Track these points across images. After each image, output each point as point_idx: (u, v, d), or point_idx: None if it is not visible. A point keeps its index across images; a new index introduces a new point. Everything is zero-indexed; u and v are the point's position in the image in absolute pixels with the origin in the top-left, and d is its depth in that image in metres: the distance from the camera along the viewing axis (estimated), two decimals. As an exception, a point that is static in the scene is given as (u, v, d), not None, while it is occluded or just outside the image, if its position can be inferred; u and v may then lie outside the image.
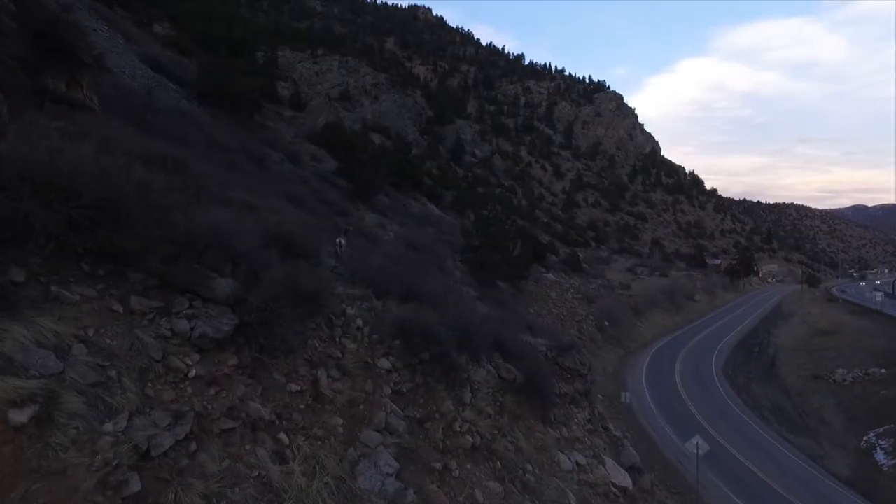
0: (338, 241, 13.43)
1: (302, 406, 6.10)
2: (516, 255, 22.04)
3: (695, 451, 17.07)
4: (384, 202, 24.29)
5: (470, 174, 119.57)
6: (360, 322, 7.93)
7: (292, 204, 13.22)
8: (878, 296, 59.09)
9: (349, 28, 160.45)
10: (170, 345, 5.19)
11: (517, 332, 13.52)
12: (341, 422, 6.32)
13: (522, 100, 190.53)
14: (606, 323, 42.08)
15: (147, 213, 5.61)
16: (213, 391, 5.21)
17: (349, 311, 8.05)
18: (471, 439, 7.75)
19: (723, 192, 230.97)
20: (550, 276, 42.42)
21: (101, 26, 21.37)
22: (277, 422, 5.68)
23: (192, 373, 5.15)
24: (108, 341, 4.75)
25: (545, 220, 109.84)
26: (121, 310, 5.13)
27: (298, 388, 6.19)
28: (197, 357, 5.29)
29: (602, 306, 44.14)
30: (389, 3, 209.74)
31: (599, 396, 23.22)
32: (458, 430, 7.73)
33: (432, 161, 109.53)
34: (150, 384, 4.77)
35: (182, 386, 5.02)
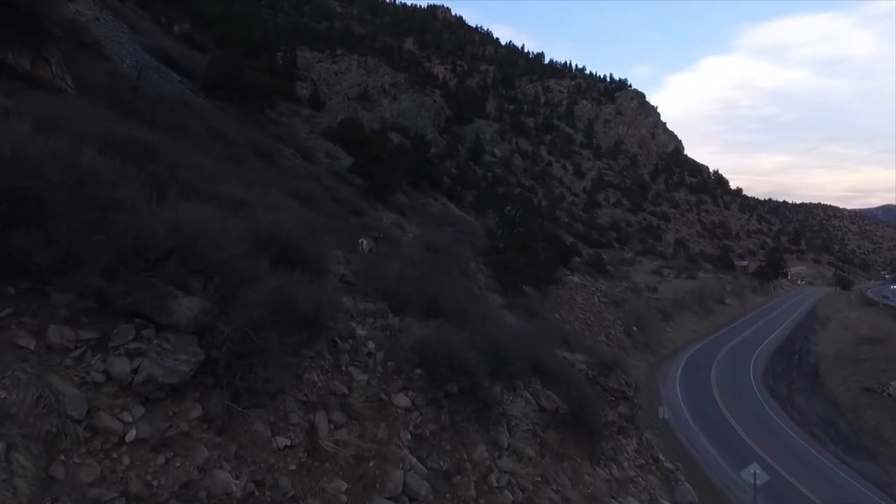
0: (361, 241, 12.38)
1: (293, 467, 4.56)
2: (544, 258, 20.36)
3: (752, 480, 15.20)
4: (402, 201, 22.80)
5: (489, 174, 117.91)
6: (372, 346, 6.37)
7: (299, 202, 11.78)
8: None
9: (368, 28, 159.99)
10: (101, 395, 3.68)
11: (553, 347, 11.86)
12: (345, 486, 4.77)
13: (542, 99, 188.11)
14: (635, 328, 40.03)
15: (82, 210, 4.12)
16: (161, 459, 3.69)
17: (359, 331, 6.50)
18: (510, 496, 6.14)
19: (748, 192, 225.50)
20: (575, 278, 40.49)
21: (106, 16, 20.28)
22: (257, 493, 4.15)
23: (132, 434, 3.63)
24: (2, 394, 3.27)
25: (566, 220, 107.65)
26: (31, 345, 3.63)
27: (288, 442, 4.64)
28: (140, 411, 3.78)
29: (630, 310, 42.08)
30: (408, 3, 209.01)
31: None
32: (495, 483, 6.13)
33: (451, 161, 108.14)
34: (61, 458, 3.27)
35: (114, 456, 3.50)
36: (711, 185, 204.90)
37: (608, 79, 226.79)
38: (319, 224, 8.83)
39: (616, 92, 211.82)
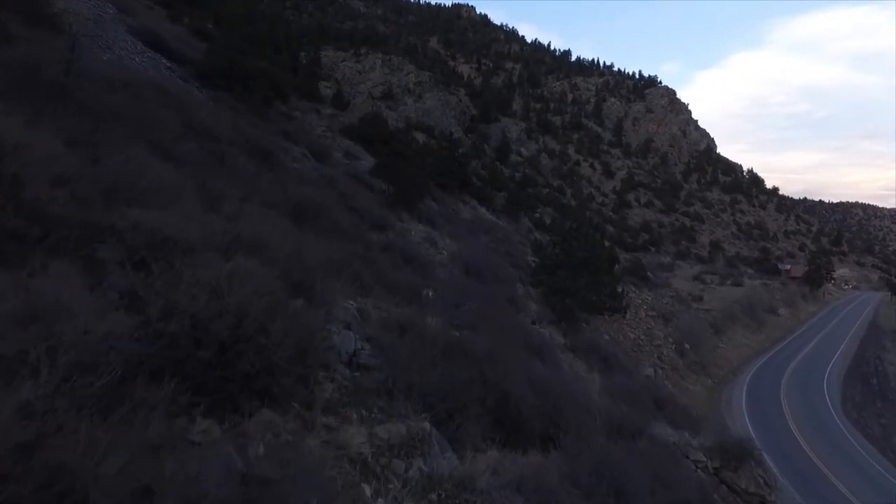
0: (425, 292, 10.23)
1: None
2: (609, 280, 16.78)
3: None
4: (431, 208, 19.53)
5: (517, 174, 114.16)
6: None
7: (298, 219, 8.61)
8: None
9: (392, 28, 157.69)
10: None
11: (649, 418, 8.41)
12: None
13: (570, 97, 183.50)
14: (687, 346, 36.07)
15: None
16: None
17: None
18: None
19: (777, 187, 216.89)
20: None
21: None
22: None
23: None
24: None
25: (596, 221, 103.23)
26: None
27: None
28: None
29: (680, 325, 38.11)
30: (433, 2, 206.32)
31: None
32: None
33: (478, 160, 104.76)
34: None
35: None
36: (746, 184, 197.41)
37: (637, 76, 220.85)
38: (319, 261, 5.64)
39: (645, 89, 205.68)
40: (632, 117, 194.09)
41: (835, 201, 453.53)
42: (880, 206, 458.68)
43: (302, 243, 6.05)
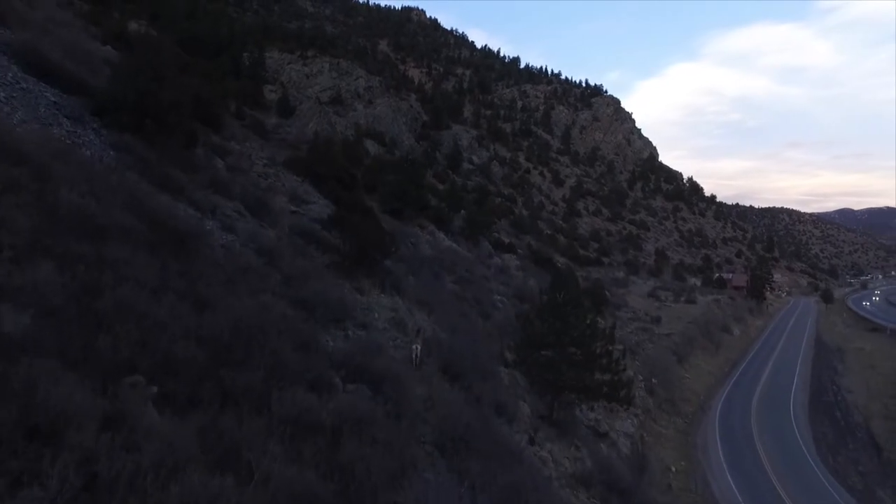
0: (414, 347, 11.05)
1: None
2: (609, 363, 14.30)
3: None
4: (396, 267, 16.53)
5: (470, 182, 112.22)
6: None
7: (218, 362, 5.61)
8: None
9: (341, 29, 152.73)
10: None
11: None
12: None
13: (519, 104, 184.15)
14: (655, 381, 34.64)
15: None
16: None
17: None
18: None
19: (714, 195, 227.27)
20: (588, 324, 34.92)
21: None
22: None
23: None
24: None
25: (548, 231, 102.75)
26: None
27: None
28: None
29: (646, 359, 36.72)
30: (382, 4, 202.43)
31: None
32: None
33: (430, 169, 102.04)
34: None
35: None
36: (687, 192, 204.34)
37: (584, 84, 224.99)
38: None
39: (592, 98, 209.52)
40: (579, 125, 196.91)
41: (764, 206, 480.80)
42: (803, 210, 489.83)
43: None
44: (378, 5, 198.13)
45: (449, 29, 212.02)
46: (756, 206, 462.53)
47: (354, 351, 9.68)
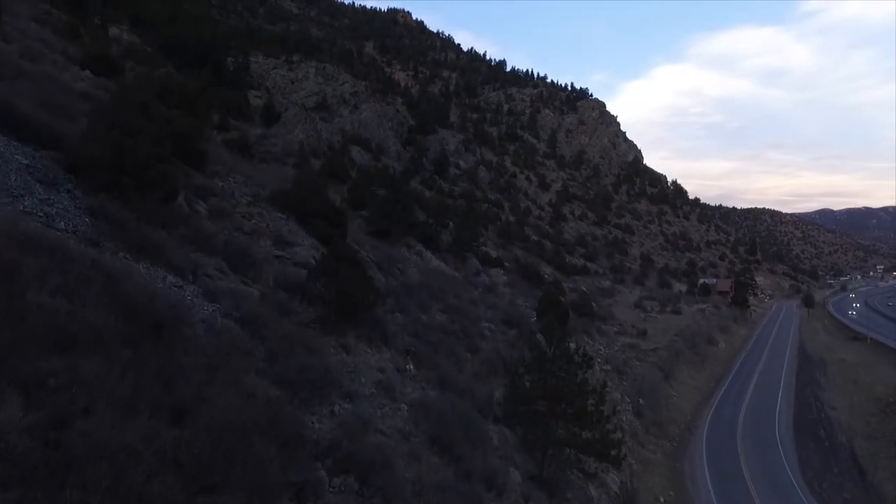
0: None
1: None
2: (599, 420, 13.99)
3: None
4: (384, 318, 16.20)
5: (456, 188, 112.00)
6: None
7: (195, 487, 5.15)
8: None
9: (326, 31, 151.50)
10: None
11: None
12: None
13: (505, 107, 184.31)
14: (642, 401, 34.69)
15: None
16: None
17: None
18: None
19: (698, 197, 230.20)
20: (574, 346, 34.72)
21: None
22: None
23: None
24: None
25: (535, 237, 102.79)
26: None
27: None
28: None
29: (634, 377, 36.78)
30: (368, 6, 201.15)
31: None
32: None
33: (417, 176, 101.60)
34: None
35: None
36: (671, 194, 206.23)
37: (569, 87, 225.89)
38: None
39: (577, 101, 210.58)
40: (565, 129, 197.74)
41: (747, 206, 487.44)
42: (784, 211, 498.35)
43: None
44: (364, 7, 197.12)
45: (435, 31, 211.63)
46: (739, 207, 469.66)
47: (341, 436, 9.35)
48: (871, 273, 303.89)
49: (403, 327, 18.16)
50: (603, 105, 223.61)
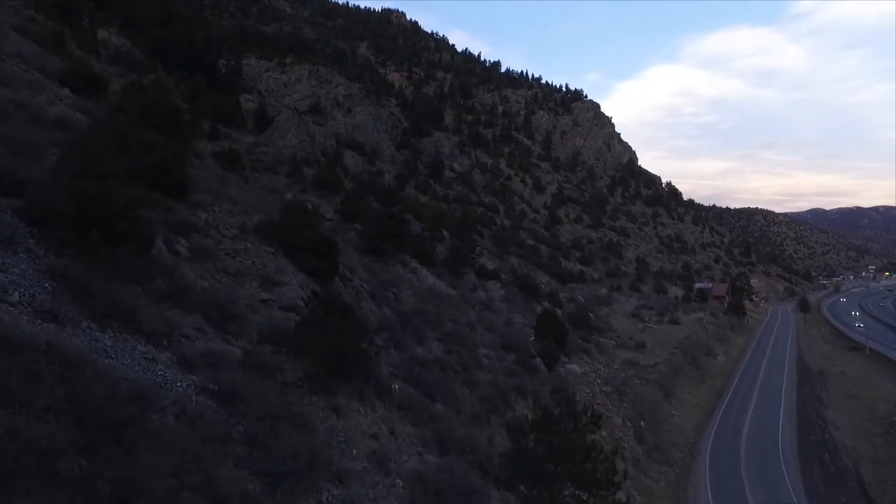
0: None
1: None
2: (608, 483, 13.15)
3: None
4: (377, 364, 15.17)
5: (450, 192, 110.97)
6: None
7: None
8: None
9: (319, 32, 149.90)
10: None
11: None
12: None
13: (500, 109, 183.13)
14: (643, 423, 33.80)
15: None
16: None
17: None
18: None
19: (692, 196, 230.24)
20: (575, 367, 33.80)
21: None
22: None
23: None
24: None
25: (530, 242, 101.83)
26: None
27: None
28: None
29: (634, 398, 35.87)
30: (362, 6, 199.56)
31: None
32: None
33: (411, 180, 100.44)
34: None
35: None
36: (666, 196, 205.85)
37: (564, 88, 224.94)
38: None
39: (572, 102, 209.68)
40: (560, 130, 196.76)
41: (740, 206, 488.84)
42: (777, 210, 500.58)
43: None
44: (357, 7, 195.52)
45: (429, 32, 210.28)
46: (732, 207, 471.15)
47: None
48: (864, 273, 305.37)
49: (398, 367, 17.16)
50: (598, 106, 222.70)
